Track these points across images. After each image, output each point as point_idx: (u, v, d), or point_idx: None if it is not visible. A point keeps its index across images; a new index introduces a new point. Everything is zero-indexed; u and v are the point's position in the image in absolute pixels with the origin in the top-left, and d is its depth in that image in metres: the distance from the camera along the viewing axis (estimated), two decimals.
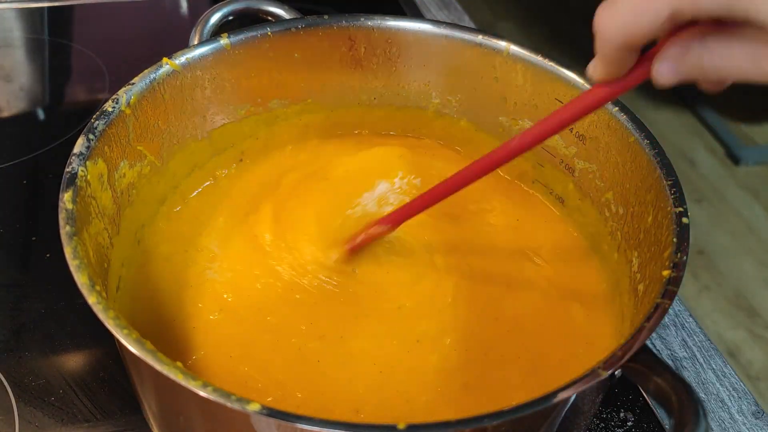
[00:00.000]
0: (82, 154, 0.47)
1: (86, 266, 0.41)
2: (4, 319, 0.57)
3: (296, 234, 0.57)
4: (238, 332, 0.50)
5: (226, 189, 0.61)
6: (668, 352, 0.60)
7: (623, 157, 0.53)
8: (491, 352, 0.51)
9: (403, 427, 0.34)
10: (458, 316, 0.52)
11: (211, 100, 0.58)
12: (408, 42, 0.61)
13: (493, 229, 0.60)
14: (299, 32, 0.59)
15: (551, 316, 0.53)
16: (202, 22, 0.59)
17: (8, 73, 0.85)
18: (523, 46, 0.58)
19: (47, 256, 0.63)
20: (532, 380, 0.49)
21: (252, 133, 0.62)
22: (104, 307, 0.38)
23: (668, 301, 0.41)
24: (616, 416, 0.54)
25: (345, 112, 0.65)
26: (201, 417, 0.39)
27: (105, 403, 0.52)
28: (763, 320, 1.66)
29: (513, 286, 0.55)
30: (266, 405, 0.34)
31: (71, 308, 0.58)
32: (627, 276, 0.52)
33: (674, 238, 0.45)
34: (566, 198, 0.61)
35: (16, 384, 0.53)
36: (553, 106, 0.58)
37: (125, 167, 0.52)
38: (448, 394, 0.48)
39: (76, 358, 0.55)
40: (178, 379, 0.35)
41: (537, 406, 0.36)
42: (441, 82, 0.63)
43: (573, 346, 0.52)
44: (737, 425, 0.55)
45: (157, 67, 0.54)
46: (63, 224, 0.42)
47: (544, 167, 0.61)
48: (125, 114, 0.51)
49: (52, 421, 0.51)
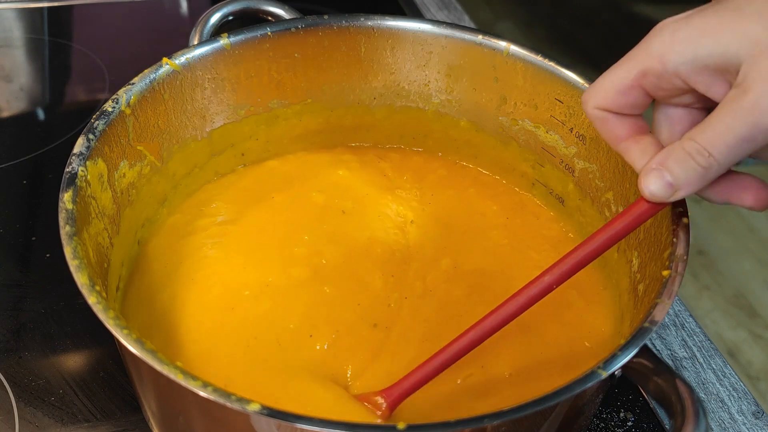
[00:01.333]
0: (82, 154, 0.47)
1: (86, 266, 0.41)
2: (4, 319, 0.57)
3: (296, 234, 0.57)
4: (238, 332, 0.50)
5: (226, 189, 0.61)
6: (668, 352, 0.60)
7: (623, 157, 0.53)
8: (489, 351, 0.51)
9: (403, 427, 0.34)
10: (455, 317, 0.52)
11: (211, 100, 0.58)
12: (408, 42, 0.61)
13: (492, 229, 0.60)
14: (299, 32, 0.59)
15: (551, 316, 0.53)
16: (202, 22, 0.59)
17: (8, 73, 0.85)
18: (523, 46, 0.58)
19: (47, 256, 0.63)
20: (531, 380, 0.49)
21: (252, 133, 0.62)
22: (104, 307, 0.38)
23: (668, 301, 0.41)
24: (616, 416, 0.54)
25: (345, 112, 0.65)
26: (201, 417, 0.39)
27: (105, 403, 0.52)
28: (763, 320, 1.66)
29: (512, 287, 0.55)
30: (266, 405, 0.34)
31: (71, 308, 0.58)
32: (627, 276, 0.52)
33: (674, 238, 0.45)
34: (566, 198, 0.61)
35: (16, 384, 0.53)
36: (553, 106, 0.58)
37: (125, 167, 0.52)
38: (443, 393, 0.48)
39: (76, 358, 0.55)
40: (178, 379, 0.35)
41: (537, 406, 0.36)
42: (441, 82, 0.63)
43: (573, 346, 0.52)
44: (737, 425, 0.55)
45: (157, 67, 0.54)
46: (63, 224, 0.42)
47: (544, 167, 0.61)
48: (125, 114, 0.51)
49: (52, 421, 0.51)
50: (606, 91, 0.42)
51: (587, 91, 0.43)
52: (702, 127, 0.38)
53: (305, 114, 0.64)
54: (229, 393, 0.35)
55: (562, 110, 0.58)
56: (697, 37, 0.37)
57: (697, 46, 0.37)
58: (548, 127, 0.59)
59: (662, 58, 0.38)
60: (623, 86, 0.41)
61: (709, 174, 0.38)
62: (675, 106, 0.41)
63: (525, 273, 0.56)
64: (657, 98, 0.42)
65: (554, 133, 0.59)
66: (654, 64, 0.39)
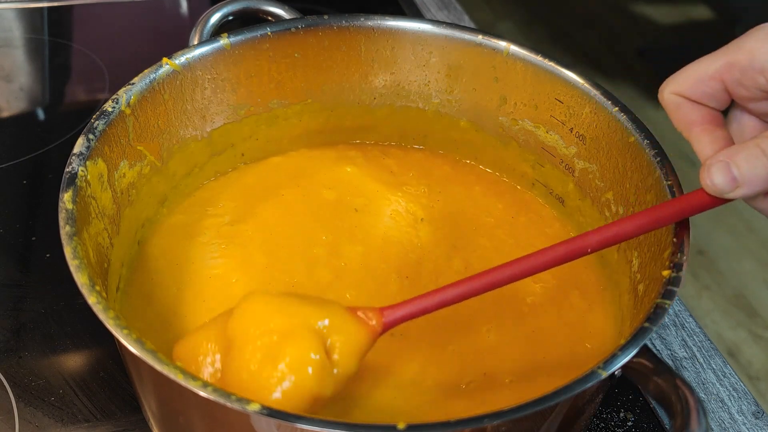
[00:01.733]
0: (82, 154, 0.47)
1: (86, 266, 0.41)
2: (4, 319, 0.57)
3: (296, 235, 0.57)
4: None
5: (226, 189, 0.61)
6: (668, 352, 0.60)
7: (623, 157, 0.53)
8: (489, 351, 0.51)
9: (403, 427, 0.34)
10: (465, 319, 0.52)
11: (211, 100, 0.58)
12: (408, 42, 0.61)
13: (497, 228, 0.60)
14: (299, 32, 0.59)
15: (551, 316, 0.53)
16: (202, 22, 0.59)
17: (8, 73, 0.85)
18: (523, 46, 0.58)
19: (47, 256, 0.63)
20: (531, 380, 0.49)
21: (252, 133, 0.62)
22: (104, 307, 0.38)
23: (668, 301, 0.41)
24: (616, 416, 0.54)
25: (345, 112, 0.65)
26: (201, 417, 0.39)
27: (105, 403, 0.52)
28: (763, 320, 1.66)
29: (511, 287, 0.55)
30: (266, 405, 0.34)
31: (71, 308, 0.58)
32: (627, 276, 0.52)
33: (674, 238, 0.45)
34: (566, 198, 0.61)
35: (16, 384, 0.53)
36: (553, 106, 0.58)
37: (125, 167, 0.52)
38: (442, 397, 0.48)
39: (76, 358, 0.55)
40: (178, 379, 0.35)
41: (537, 406, 0.36)
42: (441, 82, 0.63)
43: (573, 346, 0.52)
44: (737, 425, 0.55)
45: (157, 67, 0.54)
46: (63, 224, 0.42)
47: (544, 167, 0.61)
48: (125, 114, 0.51)
49: (52, 421, 0.51)
50: (687, 77, 0.42)
51: (668, 79, 0.43)
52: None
53: (305, 114, 0.64)
54: (229, 393, 0.35)
55: (562, 110, 0.58)
56: None
57: None
58: (548, 127, 0.59)
59: (752, 54, 0.39)
60: (706, 75, 0.41)
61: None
62: (750, 113, 0.41)
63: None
64: (736, 98, 0.41)
65: (554, 133, 0.59)
66: (742, 58, 0.39)
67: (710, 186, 0.39)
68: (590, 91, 0.55)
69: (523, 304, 0.54)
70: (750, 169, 0.38)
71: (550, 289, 0.55)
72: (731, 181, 0.38)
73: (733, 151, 0.39)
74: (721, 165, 0.39)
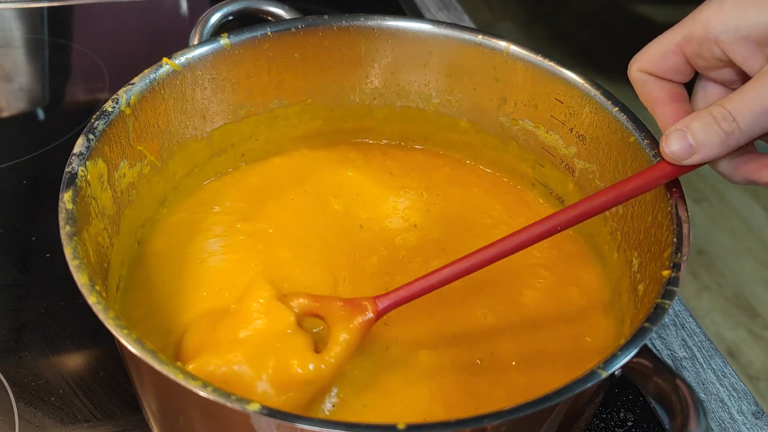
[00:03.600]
0: (82, 154, 0.47)
1: (86, 266, 0.41)
2: (4, 319, 0.57)
3: (299, 238, 0.57)
4: None
5: (226, 189, 0.61)
6: (668, 352, 0.60)
7: (623, 157, 0.53)
8: (490, 351, 0.51)
9: (403, 427, 0.34)
10: (455, 316, 0.52)
11: (211, 100, 0.58)
12: (408, 42, 0.61)
13: (494, 228, 0.60)
14: (299, 32, 0.59)
15: (551, 316, 0.53)
16: (202, 22, 0.59)
17: (8, 73, 0.85)
18: (523, 46, 0.58)
19: (47, 256, 0.63)
20: (530, 380, 0.49)
21: (252, 133, 0.62)
22: (104, 307, 0.38)
23: (668, 301, 0.41)
24: (616, 416, 0.54)
25: (345, 112, 0.65)
26: (201, 417, 0.39)
27: (105, 403, 0.52)
28: (763, 320, 1.66)
29: (511, 287, 0.55)
30: (266, 405, 0.34)
31: (71, 308, 0.58)
32: (627, 276, 0.52)
33: (674, 238, 0.45)
34: (566, 198, 0.61)
35: (16, 384, 0.53)
36: (553, 106, 0.58)
37: (125, 167, 0.52)
38: (445, 397, 0.48)
39: (76, 358, 0.55)
40: (178, 379, 0.35)
41: (537, 406, 0.36)
42: (441, 82, 0.63)
43: (573, 346, 0.52)
44: (737, 425, 0.55)
45: (157, 67, 0.54)
46: (63, 224, 0.42)
47: (544, 167, 0.61)
48: (125, 114, 0.51)
49: (52, 421, 0.51)
50: (651, 54, 0.43)
51: (635, 56, 0.44)
52: (732, 95, 0.39)
53: (305, 114, 0.64)
54: (229, 393, 0.35)
55: (562, 110, 0.58)
56: (742, 9, 0.38)
57: (742, 16, 0.38)
58: (548, 127, 0.59)
59: (706, 25, 0.40)
60: (667, 50, 0.42)
61: (730, 141, 0.39)
62: (714, 82, 0.43)
63: (528, 270, 0.56)
64: (697, 68, 0.43)
65: (554, 133, 0.59)
66: (697, 30, 0.40)
67: (669, 154, 0.41)
68: (590, 91, 0.55)
69: (521, 296, 0.54)
70: (704, 135, 0.39)
71: (548, 288, 0.55)
72: (687, 147, 0.40)
73: (689, 119, 0.40)
74: (678, 133, 0.40)
